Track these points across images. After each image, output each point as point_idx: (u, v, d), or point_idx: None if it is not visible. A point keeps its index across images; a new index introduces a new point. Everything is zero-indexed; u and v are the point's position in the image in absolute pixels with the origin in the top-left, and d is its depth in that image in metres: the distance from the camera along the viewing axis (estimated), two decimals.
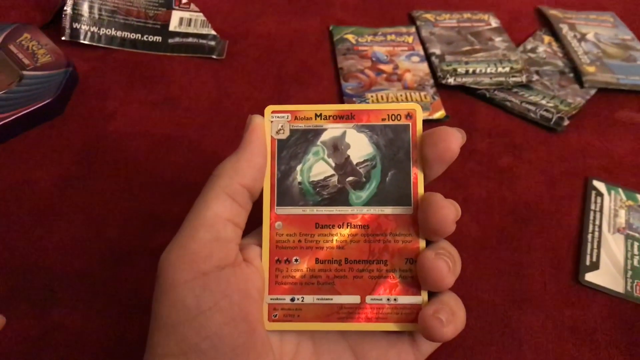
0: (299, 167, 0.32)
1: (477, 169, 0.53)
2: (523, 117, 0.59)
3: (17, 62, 0.56)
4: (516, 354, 0.40)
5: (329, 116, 0.33)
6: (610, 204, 0.50)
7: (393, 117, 0.32)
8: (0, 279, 0.43)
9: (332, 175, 0.32)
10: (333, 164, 0.32)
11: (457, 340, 0.41)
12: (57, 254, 0.45)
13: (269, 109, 0.33)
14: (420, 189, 0.32)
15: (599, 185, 0.52)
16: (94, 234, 0.46)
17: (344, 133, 0.33)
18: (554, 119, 0.57)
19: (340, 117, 0.33)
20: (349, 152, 0.33)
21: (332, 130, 0.33)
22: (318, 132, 0.33)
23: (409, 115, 0.32)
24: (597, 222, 0.48)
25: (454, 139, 0.30)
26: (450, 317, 0.29)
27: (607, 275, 0.45)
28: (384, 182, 0.32)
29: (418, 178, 0.32)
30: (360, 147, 0.32)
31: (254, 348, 0.29)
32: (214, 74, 0.62)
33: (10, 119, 0.51)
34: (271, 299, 0.32)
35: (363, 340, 0.32)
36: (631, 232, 0.48)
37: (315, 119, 0.33)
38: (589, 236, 0.47)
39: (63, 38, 0.62)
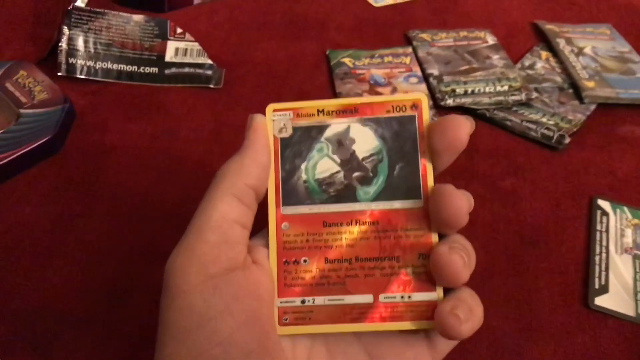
0: (303, 165, 0.32)
1: (480, 192, 0.53)
2: (524, 137, 0.59)
3: (14, 100, 0.56)
4: None
5: (332, 111, 0.32)
6: (616, 223, 0.50)
7: (398, 108, 0.32)
8: (0, 322, 0.43)
9: (337, 172, 0.32)
10: (338, 160, 0.32)
11: None
12: (58, 295, 0.44)
13: (270, 107, 0.32)
14: (430, 181, 0.31)
15: (604, 204, 0.51)
16: (95, 273, 0.46)
17: (348, 128, 0.32)
18: (555, 137, 0.57)
19: (343, 112, 0.32)
20: (354, 147, 0.32)
21: (336, 126, 0.32)
22: (321, 129, 0.32)
23: (415, 106, 0.31)
24: (604, 243, 0.48)
25: (462, 127, 0.29)
26: (468, 314, 0.28)
27: (616, 298, 0.44)
28: (392, 176, 0.31)
29: (427, 170, 0.31)
30: (365, 141, 0.32)
31: (267, 353, 0.28)
32: (212, 103, 0.62)
33: (9, 158, 0.51)
34: (281, 303, 0.31)
35: (378, 341, 0.31)
36: (639, 252, 0.47)
37: (318, 115, 0.32)
38: (597, 258, 0.47)
39: (59, 73, 0.62)
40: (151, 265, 0.47)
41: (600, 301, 0.44)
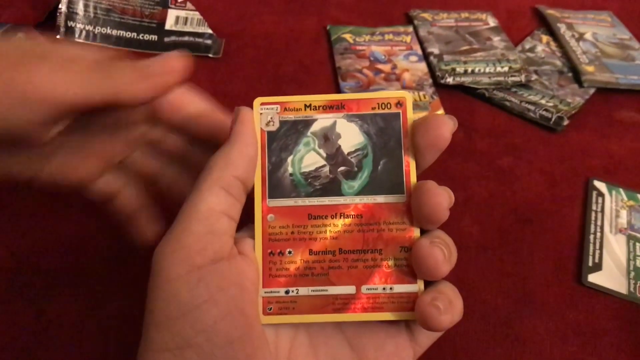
0: (289, 159, 0.32)
1: (477, 170, 0.53)
2: (522, 117, 0.59)
3: None
4: (519, 356, 0.40)
5: (319, 106, 0.32)
6: (611, 204, 0.50)
7: (383, 105, 0.32)
8: None
9: (323, 166, 0.32)
10: (324, 154, 0.32)
11: (460, 343, 0.40)
12: (55, 252, 0.44)
13: (257, 100, 0.33)
14: (413, 177, 0.31)
15: (600, 185, 0.52)
16: (93, 231, 0.46)
17: (334, 123, 0.32)
18: (553, 119, 0.57)
19: (330, 107, 0.32)
20: (339, 142, 0.32)
21: (323, 121, 0.32)
22: (308, 123, 0.32)
23: (399, 104, 0.32)
24: (599, 223, 0.48)
25: (445, 126, 0.30)
26: (448, 306, 0.28)
27: (610, 276, 0.44)
28: (376, 171, 0.31)
29: (410, 166, 0.31)
30: (351, 137, 0.32)
31: (250, 342, 0.28)
32: (211, 73, 0.62)
33: None
34: (265, 293, 0.31)
35: (360, 333, 0.32)
36: (633, 233, 0.48)
37: (305, 109, 0.32)
38: (591, 237, 0.47)
39: (58, 37, 0.61)
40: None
41: (593, 278, 0.44)
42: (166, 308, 0.27)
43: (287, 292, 0.31)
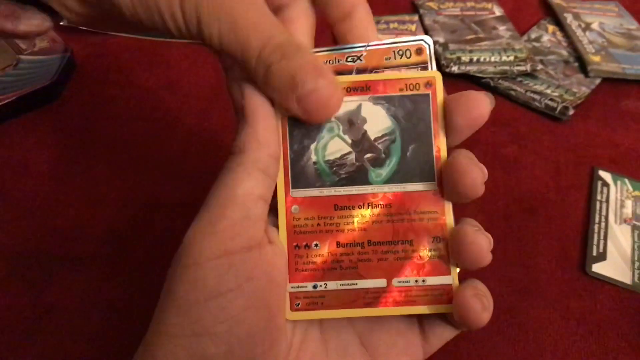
0: (313, 146, 0.30)
1: (481, 158, 0.51)
2: (527, 106, 0.58)
3: (14, 47, 0.55)
4: (523, 345, 0.40)
5: (342, 88, 0.30)
6: (616, 194, 0.49)
7: (411, 86, 0.30)
8: None
9: (349, 153, 0.30)
10: (349, 141, 0.30)
11: (463, 331, 0.40)
12: (55, 237, 0.44)
13: None
14: (444, 163, 0.29)
15: (605, 175, 0.51)
16: (91, 218, 0.46)
17: (360, 106, 0.30)
18: (559, 109, 0.57)
19: (355, 89, 0.30)
20: (365, 127, 0.30)
21: (347, 104, 0.30)
22: None
23: (429, 84, 0.30)
24: (604, 213, 0.48)
25: (484, 104, 0.28)
26: (487, 302, 0.27)
27: (614, 266, 0.44)
28: (405, 158, 0.30)
29: (441, 151, 0.29)
30: (377, 121, 0.30)
31: (270, 336, 0.27)
32: (213, 59, 0.61)
33: (6, 101, 0.51)
34: (292, 287, 0.30)
35: (371, 329, 0.31)
36: (638, 223, 0.47)
37: None
38: (596, 227, 0.47)
39: (62, 23, 0.61)
40: (150, 214, 0.46)
41: (597, 268, 0.44)
42: (189, 292, 0.26)
43: (315, 286, 0.30)
